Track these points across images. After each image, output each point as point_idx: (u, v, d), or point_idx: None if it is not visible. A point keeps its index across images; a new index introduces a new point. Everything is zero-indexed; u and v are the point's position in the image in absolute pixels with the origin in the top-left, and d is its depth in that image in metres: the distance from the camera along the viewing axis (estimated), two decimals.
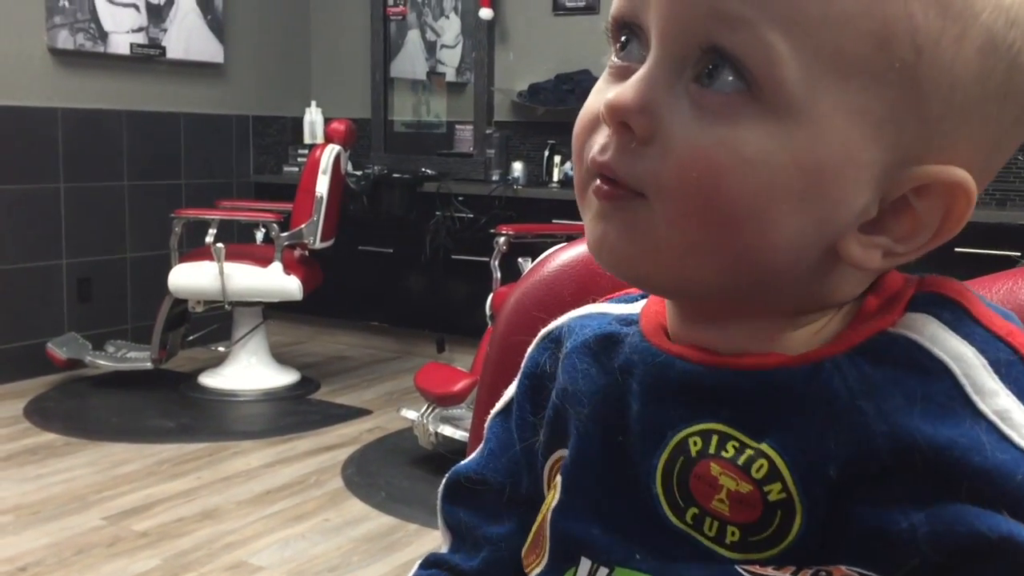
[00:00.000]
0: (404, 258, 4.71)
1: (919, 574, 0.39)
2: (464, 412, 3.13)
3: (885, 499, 0.40)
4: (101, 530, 2.67)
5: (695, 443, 0.44)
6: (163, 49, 4.52)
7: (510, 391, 0.57)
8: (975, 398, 0.40)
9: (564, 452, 0.50)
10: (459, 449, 3.00)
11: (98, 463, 3.20)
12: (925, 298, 0.44)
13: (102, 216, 4.39)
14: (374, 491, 2.97)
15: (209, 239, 3.82)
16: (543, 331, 0.56)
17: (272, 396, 4.01)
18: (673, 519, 0.44)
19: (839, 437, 0.41)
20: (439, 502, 0.60)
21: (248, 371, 4.06)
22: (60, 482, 3.02)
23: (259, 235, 4.32)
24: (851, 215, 0.41)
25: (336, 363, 4.63)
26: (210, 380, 4.05)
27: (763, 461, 0.42)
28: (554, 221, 4.20)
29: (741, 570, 0.42)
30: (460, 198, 4.53)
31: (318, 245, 4.00)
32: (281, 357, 4.32)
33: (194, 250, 3.96)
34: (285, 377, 4.13)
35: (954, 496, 0.38)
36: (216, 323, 4.36)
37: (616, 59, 0.44)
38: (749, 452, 0.42)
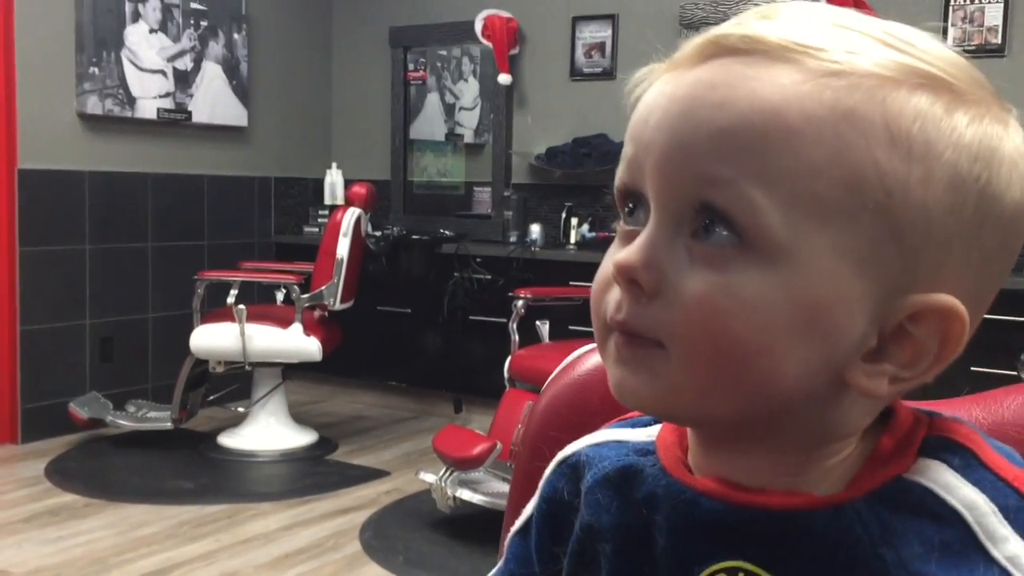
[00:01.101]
0: (422, 318, 4.75)
1: None
2: (482, 476, 3.14)
3: None
4: None
5: None
6: (189, 113, 4.62)
7: (528, 509, 0.59)
8: (987, 544, 0.43)
9: None
10: (477, 514, 3.01)
11: (118, 525, 3.22)
12: (936, 442, 0.47)
13: (126, 277, 4.46)
14: (392, 555, 2.97)
15: (231, 300, 3.88)
16: (560, 456, 0.58)
17: (290, 457, 4.03)
18: None
19: None
20: None
21: (267, 431, 4.09)
22: (81, 544, 3.04)
23: (279, 295, 4.37)
24: (851, 345, 0.44)
25: (354, 423, 4.65)
26: (229, 440, 4.07)
27: None
28: (571, 283, 4.24)
29: None
30: (478, 259, 4.58)
31: (338, 307, 4.05)
32: (300, 417, 4.35)
33: (215, 310, 4.01)
34: (303, 437, 4.15)
35: None
36: (236, 383, 4.39)
37: (624, 224, 0.48)
38: None
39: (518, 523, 0.59)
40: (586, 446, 0.57)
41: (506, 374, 3.42)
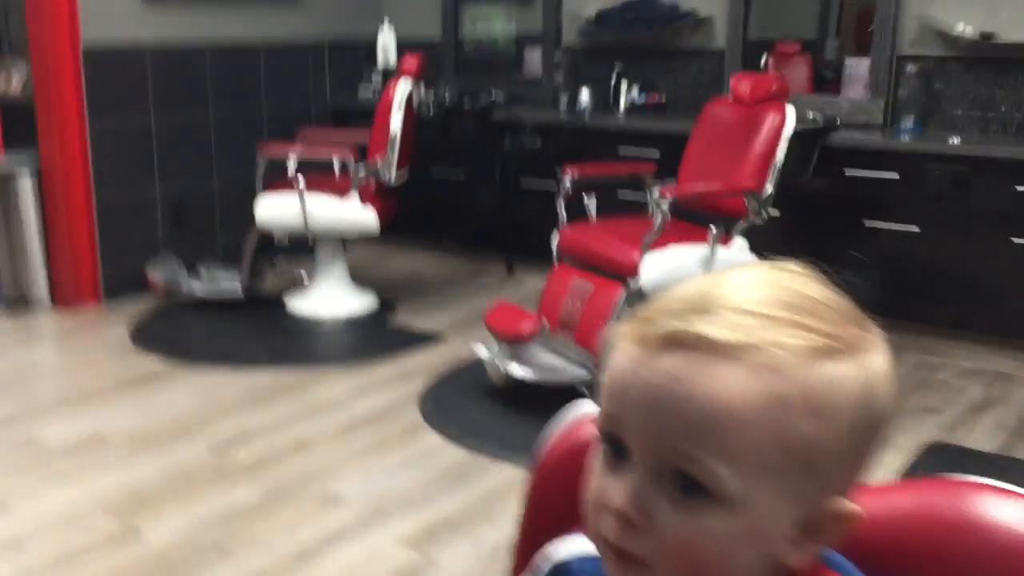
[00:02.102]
0: (475, 183, 4.89)
1: None
2: (532, 350, 3.36)
3: None
4: (206, 460, 2.99)
5: None
6: None
7: None
8: None
9: None
10: (526, 385, 3.24)
11: (198, 391, 3.52)
12: None
13: (191, 147, 4.65)
14: (449, 424, 3.24)
15: (291, 166, 4.05)
16: (552, 560, 0.75)
17: (353, 322, 4.29)
18: None
19: None
20: None
21: (330, 298, 4.34)
22: (167, 410, 3.35)
23: (336, 164, 4.52)
24: (786, 544, 0.61)
25: (412, 284, 4.88)
26: (295, 306, 4.34)
27: None
28: (620, 150, 4.33)
29: None
30: (529, 126, 4.66)
31: (393, 180, 4.20)
32: (360, 279, 4.58)
33: (277, 181, 4.19)
34: (364, 302, 4.40)
35: None
36: (300, 251, 4.62)
37: (611, 458, 0.62)
38: None
39: None
40: (575, 557, 0.74)
41: (554, 250, 3.58)
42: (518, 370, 3.27)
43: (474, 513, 2.69)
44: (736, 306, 0.59)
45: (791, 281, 0.62)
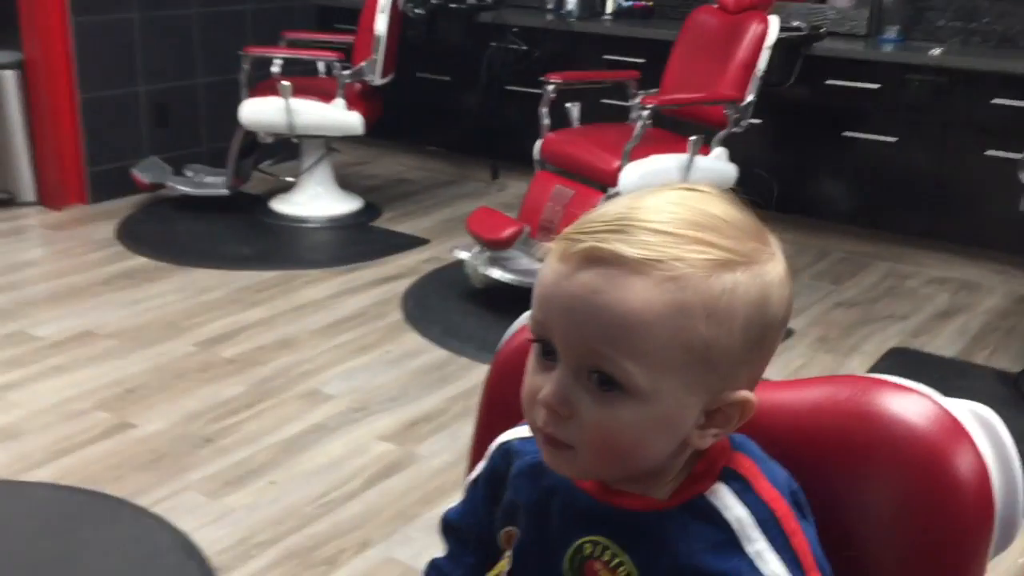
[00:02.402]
0: (460, 86, 4.89)
1: None
2: (512, 254, 3.43)
3: None
4: (193, 356, 3.08)
5: (588, 547, 0.74)
6: None
7: (478, 469, 0.87)
8: (744, 544, 0.70)
9: (510, 528, 0.81)
10: (506, 288, 3.32)
11: (186, 289, 3.60)
12: (728, 472, 0.73)
13: (175, 44, 4.63)
14: (430, 325, 3.33)
15: (275, 69, 4.05)
16: (499, 440, 0.85)
17: (338, 223, 4.35)
18: None
19: (666, 560, 0.71)
20: (440, 528, 0.90)
21: (315, 199, 4.38)
22: (154, 307, 3.43)
23: (321, 66, 4.52)
24: (690, 427, 0.71)
25: (396, 187, 4.93)
26: (281, 207, 4.39)
27: (625, 566, 0.72)
28: (606, 57, 4.33)
29: None
30: (515, 29, 4.65)
31: (378, 82, 4.21)
32: (345, 181, 4.62)
33: (262, 83, 4.19)
34: (349, 204, 4.45)
35: None
36: (285, 151, 4.65)
37: (542, 358, 0.71)
38: (618, 559, 0.73)
39: (473, 474, 0.88)
40: (516, 438, 0.83)
41: (536, 156, 3.63)
42: (498, 273, 3.35)
43: (452, 410, 2.80)
44: (647, 226, 0.67)
45: (699, 202, 0.70)
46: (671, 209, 0.68)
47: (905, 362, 3.11)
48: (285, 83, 4.04)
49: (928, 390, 0.77)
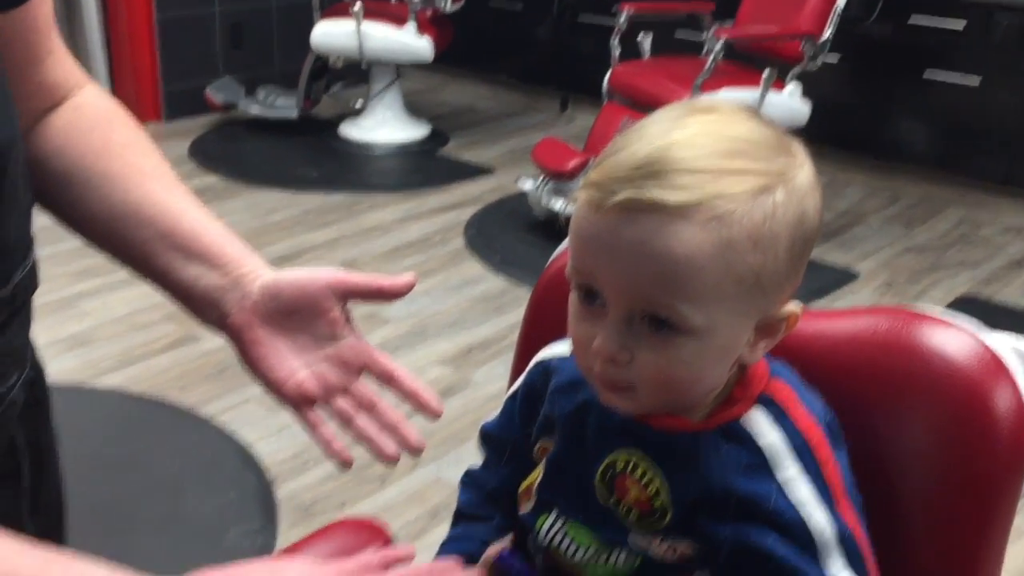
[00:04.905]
0: (532, 15, 4.83)
1: (725, 560, 0.71)
2: (576, 185, 3.41)
3: (715, 518, 0.71)
4: None
5: (621, 462, 0.75)
6: None
7: (517, 384, 0.88)
8: (775, 469, 0.71)
9: (545, 442, 0.82)
10: (567, 219, 3.31)
11: (253, 209, 3.66)
12: (764, 397, 0.73)
13: None
14: (491, 253, 3.35)
15: None
16: (537, 358, 0.86)
17: (405, 149, 4.37)
18: (602, 501, 0.76)
19: (696, 481, 0.72)
20: (478, 440, 0.92)
21: (383, 124, 4.40)
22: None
23: None
24: (743, 348, 0.71)
25: (464, 115, 4.92)
26: (349, 131, 4.42)
27: (655, 482, 0.73)
28: None
29: (631, 537, 0.75)
30: None
31: (449, 8, 4.17)
32: (413, 107, 4.62)
33: (335, 5, 4.19)
34: (417, 131, 4.46)
35: (750, 522, 0.70)
36: (355, 76, 4.66)
37: (584, 305, 0.71)
38: (649, 475, 0.73)
39: (512, 389, 0.89)
40: (555, 356, 0.84)
41: (605, 88, 3.59)
42: (560, 205, 3.34)
43: (509, 338, 2.83)
44: (682, 166, 0.65)
45: (724, 126, 0.68)
46: (700, 142, 0.67)
47: (973, 311, 3.02)
48: (357, 6, 4.03)
49: (970, 325, 0.76)
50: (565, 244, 0.93)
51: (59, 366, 2.55)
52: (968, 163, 3.89)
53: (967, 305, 3.08)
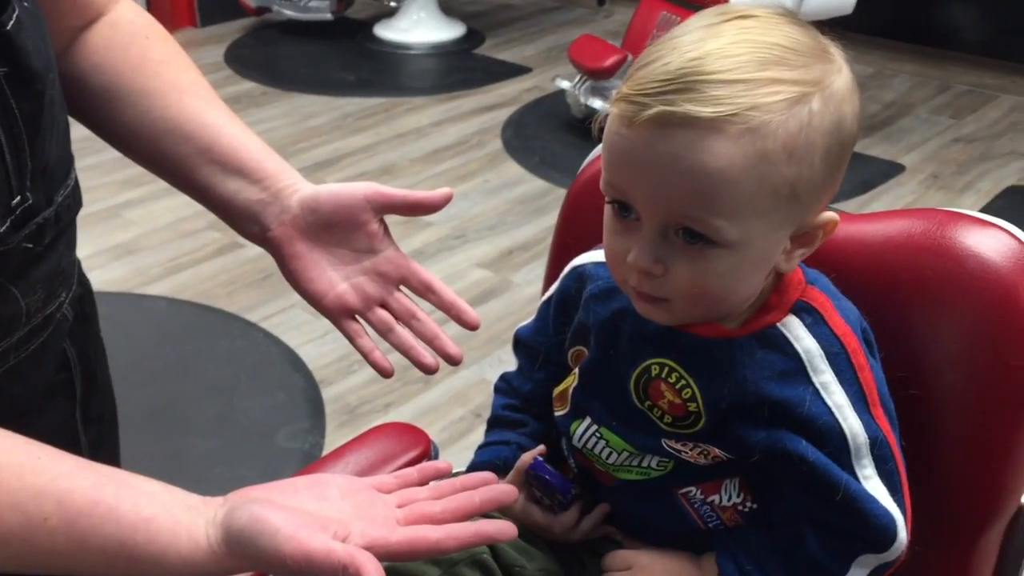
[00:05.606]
0: None
1: (757, 464, 0.72)
2: (614, 84, 3.36)
3: (748, 423, 0.72)
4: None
5: (655, 368, 0.75)
6: None
7: (553, 288, 0.88)
8: (811, 374, 0.71)
9: (579, 348, 0.83)
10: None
11: (291, 114, 3.65)
12: (801, 304, 0.73)
13: None
14: (529, 154, 3.33)
15: None
16: (573, 264, 0.86)
17: (440, 50, 4.31)
18: (637, 404, 0.77)
19: (730, 387, 0.72)
20: (512, 345, 0.93)
21: (418, 25, 4.33)
22: (262, 133, 3.43)
23: None
24: (779, 256, 0.71)
25: (500, 13, 4.82)
26: (384, 32, 4.36)
27: (690, 388, 0.74)
28: None
29: (665, 441, 0.76)
30: None
31: None
32: (447, 6, 4.53)
33: None
34: (452, 30, 4.39)
35: (782, 427, 0.71)
36: None
37: (619, 217, 0.70)
38: (683, 381, 0.74)
39: (547, 295, 0.89)
40: (590, 262, 0.84)
41: None
42: (599, 103, 3.30)
43: (548, 239, 2.80)
44: (715, 78, 0.64)
45: (760, 32, 0.66)
46: (735, 51, 0.65)
47: (1021, 202, 2.98)
48: None
49: (1007, 224, 0.75)
50: (598, 151, 0.93)
51: (107, 275, 2.60)
52: (1020, 50, 3.76)
53: (1015, 196, 3.02)
